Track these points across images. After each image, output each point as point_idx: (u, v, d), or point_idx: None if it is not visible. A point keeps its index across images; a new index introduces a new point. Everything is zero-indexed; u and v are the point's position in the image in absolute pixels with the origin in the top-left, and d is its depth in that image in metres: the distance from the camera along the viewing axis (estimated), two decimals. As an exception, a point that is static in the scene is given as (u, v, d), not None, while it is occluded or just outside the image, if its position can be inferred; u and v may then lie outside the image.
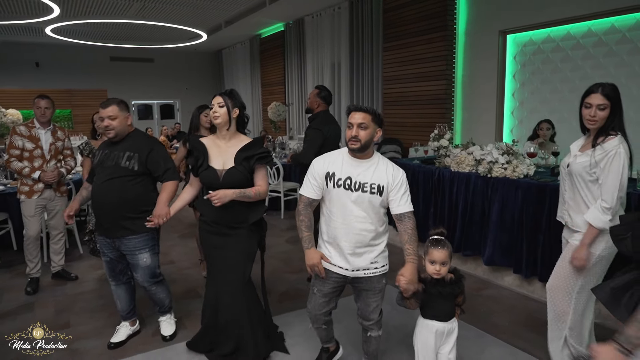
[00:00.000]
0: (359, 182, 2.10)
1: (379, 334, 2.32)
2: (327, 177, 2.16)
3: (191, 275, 4.03)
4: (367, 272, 2.17)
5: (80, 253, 4.68)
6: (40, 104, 3.62)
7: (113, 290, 2.90)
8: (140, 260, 2.71)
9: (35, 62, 11.61)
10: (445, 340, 2.09)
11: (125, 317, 2.94)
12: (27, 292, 3.68)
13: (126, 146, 2.68)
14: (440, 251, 2.01)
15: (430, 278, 2.05)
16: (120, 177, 2.61)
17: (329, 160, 2.20)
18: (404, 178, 2.14)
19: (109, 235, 2.69)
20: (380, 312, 2.28)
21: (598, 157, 2.19)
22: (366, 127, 2.07)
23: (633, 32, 4.43)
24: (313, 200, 2.23)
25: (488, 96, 5.79)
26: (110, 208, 2.61)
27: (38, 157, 3.63)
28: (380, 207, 2.14)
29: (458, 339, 2.34)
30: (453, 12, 6.02)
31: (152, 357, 2.72)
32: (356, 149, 2.08)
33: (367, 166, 2.13)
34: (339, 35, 7.95)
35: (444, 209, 4.08)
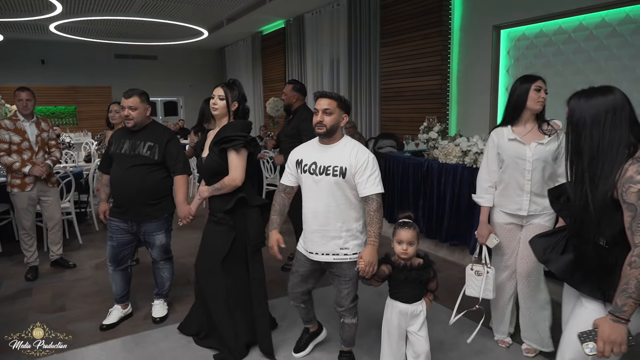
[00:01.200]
0: (323, 165, 2.17)
1: (352, 321, 2.36)
2: (297, 165, 2.27)
3: (185, 264, 4.14)
4: (337, 258, 2.22)
5: (80, 243, 4.80)
6: (21, 96, 3.67)
7: (110, 274, 3.00)
8: (157, 240, 2.94)
9: (41, 59, 11.79)
10: (411, 321, 2.16)
11: (119, 301, 3.06)
12: (27, 279, 3.81)
13: (146, 136, 2.82)
14: (406, 231, 2.08)
15: (399, 262, 2.13)
16: (141, 166, 2.78)
17: (301, 149, 2.32)
18: (370, 160, 2.15)
19: (128, 218, 2.83)
20: (354, 299, 2.31)
21: (562, 139, 2.34)
22: (331, 112, 2.14)
23: (623, 26, 4.47)
24: (287, 187, 2.35)
25: (482, 90, 5.84)
26: (132, 194, 2.77)
27: (26, 150, 3.70)
28: (348, 190, 2.17)
29: (439, 324, 2.43)
30: (448, 8, 6.07)
31: (141, 338, 2.83)
32: (322, 134, 2.16)
33: (332, 150, 2.20)
34: (337, 31, 8.03)
35: (432, 200, 4.16)
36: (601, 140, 1.42)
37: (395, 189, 4.67)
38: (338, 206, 2.18)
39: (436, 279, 2.20)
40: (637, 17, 4.35)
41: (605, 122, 1.42)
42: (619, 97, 1.45)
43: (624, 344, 1.37)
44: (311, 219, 2.23)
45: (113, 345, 2.77)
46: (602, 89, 1.48)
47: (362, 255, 2.11)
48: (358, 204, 2.23)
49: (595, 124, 1.44)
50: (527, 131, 2.39)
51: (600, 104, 1.44)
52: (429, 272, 2.14)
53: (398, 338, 2.19)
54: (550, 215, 2.43)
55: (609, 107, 1.43)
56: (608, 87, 1.48)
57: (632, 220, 1.37)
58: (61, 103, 11.88)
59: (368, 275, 2.12)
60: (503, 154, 2.45)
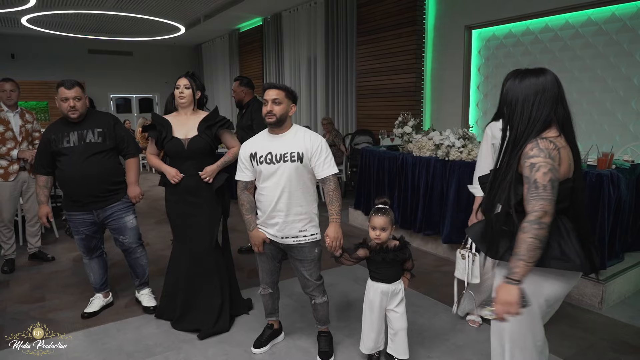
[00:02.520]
0: (279, 153, 2.26)
1: (323, 300, 2.46)
2: (252, 158, 2.32)
3: (163, 257, 4.16)
4: (296, 240, 2.32)
5: (56, 237, 4.77)
6: (5, 87, 3.68)
7: (86, 264, 3.03)
8: (128, 222, 2.93)
9: (11, 53, 11.49)
10: (392, 299, 2.29)
11: (99, 289, 3.08)
12: (4, 271, 3.78)
13: (91, 124, 2.80)
14: (379, 217, 2.21)
15: (375, 245, 2.26)
16: (98, 154, 2.77)
17: (251, 142, 2.37)
18: (323, 144, 2.29)
19: (92, 208, 2.81)
20: (319, 278, 2.43)
21: None
22: (280, 102, 2.24)
23: (585, 28, 4.72)
24: (247, 182, 2.38)
25: (455, 88, 6.05)
26: (93, 184, 2.75)
27: (10, 140, 3.69)
28: (306, 174, 2.29)
29: (413, 307, 2.55)
30: (422, 7, 6.26)
31: (123, 325, 2.88)
32: (272, 123, 2.26)
33: (285, 138, 2.29)
34: (315, 29, 8.14)
35: (407, 192, 4.31)
36: (529, 118, 1.55)
37: (372, 182, 4.81)
38: (297, 191, 2.28)
39: (411, 259, 2.33)
40: (598, 20, 4.61)
41: (533, 101, 1.55)
42: (549, 79, 1.57)
43: (514, 304, 1.46)
44: (271, 206, 2.29)
45: (96, 332, 2.80)
46: (535, 71, 1.60)
47: (327, 232, 2.26)
48: (312, 186, 2.36)
49: (525, 102, 1.56)
50: None
51: (531, 85, 1.56)
52: (405, 253, 2.27)
53: (378, 317, 2.31)
54: None
55: (539, 89, 1.55)
56: (541, 69, 1.60)
57: (527, 191, 1.50)
58: (32, 98, 11.60)
59: (336, 251, 2.25)
60: (497, 144, 2.58)
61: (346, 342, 2.65)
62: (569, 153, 1.56)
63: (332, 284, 3.44)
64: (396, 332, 2.31)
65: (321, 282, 2.45)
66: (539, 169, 1.48)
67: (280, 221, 2.29)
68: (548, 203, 1.46)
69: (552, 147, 1.50)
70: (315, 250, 2.37)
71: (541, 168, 1.47)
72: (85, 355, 2.55)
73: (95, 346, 2.64)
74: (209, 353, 2.55)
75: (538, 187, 1.47)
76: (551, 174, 1.47)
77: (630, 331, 2.77)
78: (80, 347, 2.63)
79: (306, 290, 2.46)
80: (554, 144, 1.51)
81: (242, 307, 3.00)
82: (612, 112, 4.63)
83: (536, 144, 1.51)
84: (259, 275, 2.53)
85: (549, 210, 1.46)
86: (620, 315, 2.96)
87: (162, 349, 2.59)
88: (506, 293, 1.48)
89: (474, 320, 2.88)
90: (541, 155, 1.49)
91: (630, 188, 3.31)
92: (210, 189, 2.68)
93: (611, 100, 4.61)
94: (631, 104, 4.47)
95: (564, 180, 1.54)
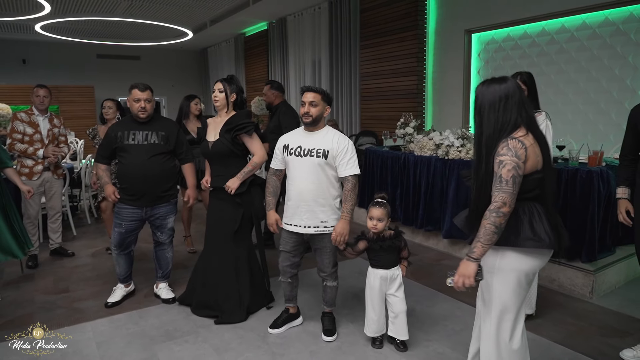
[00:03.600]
0: (308, 148, 2.51)
1: (334, 284, 2.71)
2: (284, 149, 2.60)
3: (178, 252, 4.38)
4: (318, 230, 2.56)
5: (74, 235, 5.00)
6: (39, 92, 3.98)
7: (115, 257, 3.20)
8: (169, 223, 3.21)
9: (22, 58, 11.78)
10: (390, 284, 2.51)
11: (123, 281, 3.29)
12: (28, 266, 4.00)
13: (157, 126, 3.06)
14: (377, 209, 2.46)
15: (373, 235, 2.48)
16: (160, 155, 3.03)
17: (287, 136, 2.66)
18: (350, 146, 2.52)
19: (143, 204, 3.04)
20: (334, 265, 2.68)
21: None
22: (316, 104, 2.49)
23: (580, 32, 4.91)
24: (277, 170, 2.68)
25: (455, 90, 6.24)
26: (153, 182, 3.01)
27: (37, 142, 3.94)
28: (329, 170, 2.51)
29: (414, 296, 2.73)
30: (424, 12, 6.46)
31: (145, 313, 3.09)
32: (308, 123, 2.52)
33: (316, 136, 2.54)
34: (319, 33, 8.35)
35: (409, 190, 4.51)
36: (496, 122, 1.76)
37: (375, 181, 5.02)
38: (321, 184, 2.51)
39: (407, 248, 2.55)
40: (593, 24, 4.80)
41: (498, 107, 1.75)
42: (511, 85, 1.77)
43: (471, 277, 1.70)
44: (297, 195, 2.54)
45: (119, 319, 3.02)
46: (499, 79, 1.81)
47: (335, 227, 2.49)
48: (336, 183, 2.58)
49: (494, 107, 1.76)
50: None
51: (496, 92, 1.76)
52: (400, 241, 2.49)
53: (379, 301, 2.53)
54: None
55: (502, 95, 1.75)
56: (503, 77, 1.82)
57: (493, 184, 1.73)
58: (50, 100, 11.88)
59: (340, 245, 2.47)
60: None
61: (350, 327, 2.86)
62: (537, 149, 1.78)
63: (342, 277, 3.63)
64: (396, 315, 2.51)
65: (335, 268, 2.69)
66: (505, 166, 1.71)
67: (304, 210, 2.53)
68: (508, 196, 1.69)
69: (520, 146, 1.72)
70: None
71: (506, 165, 1.70)
72: (111, 339, 2.76)
73: (119, 331, 2.85)
74: (225, 337, 2.76)
75: (502, 182, 1.70)
76: (514, 171, 1.70)
77: (617, 318, 2.95)
78: (106, 332, 2.84)
79: (321, 274, 2.70)
80: (521, 143, 1.73)
81: (263, 302, 3.12)
82: (607, 111, 4.81)
83: (506, 143, 1.73)
84: (279, 265, 2.73)
85: (508, 202, 1.69)
86: (610, 304, 3.15)
87: (182, 334, 2.80)
88: (465, 268, 1.73)
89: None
90: (508, 154, 1.71)
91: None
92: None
93: (605, 100, 4.79)
94: (625, 104, 4.65)
95: (534, 172, 1.77)
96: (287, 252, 2.68)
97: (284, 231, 2.68)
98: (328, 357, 2.55)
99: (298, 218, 2.57)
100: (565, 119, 5.10)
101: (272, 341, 2.72)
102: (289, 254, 2.68)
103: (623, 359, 2.47)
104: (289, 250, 2.67)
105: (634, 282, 3.51)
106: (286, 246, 2.67)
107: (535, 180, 1.78)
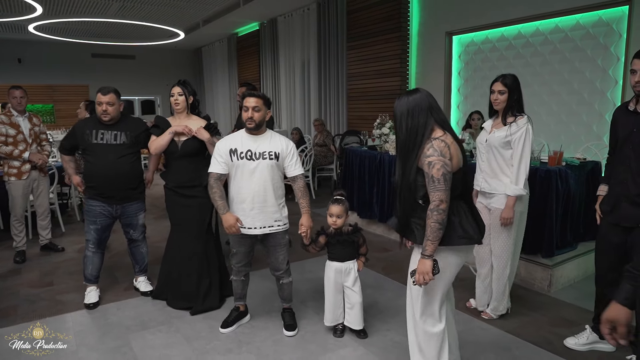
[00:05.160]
0: (258, 152, 2.61)
1: (289, 280, 2.86)
2: (231, 153, 2.61)
3: (160, 248, 4.50)
4: (272, 229, 2.68)
5: (63, 231, 5.15)
6: (15, 94, 4.04)
7: (89, 257, 3.25)
8: (140, 220, 3.34)
9: (18, 58, 11.93)
10: (346, 277, 2.68)
11: (94, 281, 3.33)
12: (16, 262, 4.16)
13: (125, 127, 3.18)
14: (336, 206, 2.63)
15: (332, 230, 2.64)
16: (128, 155, 3.15)
17: (230, 140, 2.67)
18: (294, 148, 2.71)
19: (114, 203, 3.17)
20: (288, 262, 2.82)
21: (513, 130, 2.74)
22: (259, 109, 2.58)
23: (553, 35, 5.06)
24: (221, 175, 2.65)
25: (437, 91, 6.39)
26: (122, 181, 3.13)
27: (21, 142, 4.06)
28: (277, 171, 2.65)
29: (381, 290, 2.88)
30: (407, 15, 6.61)
31: (123, 305, 3.26)
32: (252, 128, 2.59)
33: (262, 140, 2.64)
34: (308, 34, 8.51)
35: (384, 188, 4.67)
36: (407, 128, 1.94)
37: (354, 179, 5.17)
38: (273, 184, 2.64)
39: (365, 244, 2.71)
40: (565, 27, 4.95)
41: (410, 114, 1.93)
42: (419, 95, 1.96)
43: (429, 273, 1.89)
44: (250, 198, 2.61)
45: (98, 309, 3.19)
46: (411, 91, 1.99)
47: (302, 221, 2.62)
48: (282, 182, 2.72)
49: (403, 116, 1.95)
50: (496, 123, 2.90)
51: (404, 104, 1.96)
52: (358, 236, 2.65)
53: (335, 291, 2.69)
54: (504, 197, 2.80)
55: (410, 105, 1.94)
56: (415, 89, 2.01)
57: (427, 185, 1.88)
58: (38, 101, 12.03)
59: (306, 239, 2.62)
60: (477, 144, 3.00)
61: (315, 318, 3.03)
62: (457, 148, 1.94)
63: (310, 270, 3.82)
64: (352, 305, 2.68)
65: (289, 266, 2.83)
66: (434, 166, 1.87)
67: (258, 212, 2.63)
68: (443, 193, 1.86)
69: (443, 145, 1.88)
70: (286, 236, 2.77)
71: (435, 165, 1.87)
72: (89, 328, 2.93)
73: (97, 321, 3.02)
74: (196, 327, 2.93)
75: (434, 181, 1.86)
76: (443, 169, 1.86)
77: (570, 309, 3.12)
78: (85, 322, 3.01)
79: (276, 273, 2.83)
80: (444, 143, 1.89)
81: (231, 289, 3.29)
82: (578, 113, 4.96)
83: (431, 144, 1.89)
84: (232, 264, 2.85)
85: (444, 198, 1.86)
86: (566, 297, 3.31)
87: (156, 324, 2.97)
88: (422, 265, 1.90)
89: (488, 313, 3.03)
90: (435, 154, 1.87)
91: (580, 183, 3.65)
92: (201, 184, 3.04)
93: (577, 102, 4.95)
94: (594, 106, 4.81)
95: (457, 171, 1.92)
96: (244, 252, 2.77)
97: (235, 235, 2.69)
98: (291, 345, 2.72)
99: (252, 220, 2.64)
100: (540, 119, 5.26)
101: (239, 331, 2.88)
102: (245, 254, 2.78)
103: (567, 346, 2.63)
104: (245, 251, 2.77)
105: (592, 276, 3.65)
106: (241, 248, 2.75)
107: (458, 179, 1.95)
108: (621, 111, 2.45)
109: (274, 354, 2.62)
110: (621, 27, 4.51)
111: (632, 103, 2.38)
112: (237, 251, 2.79)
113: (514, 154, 2.76)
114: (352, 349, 2.66)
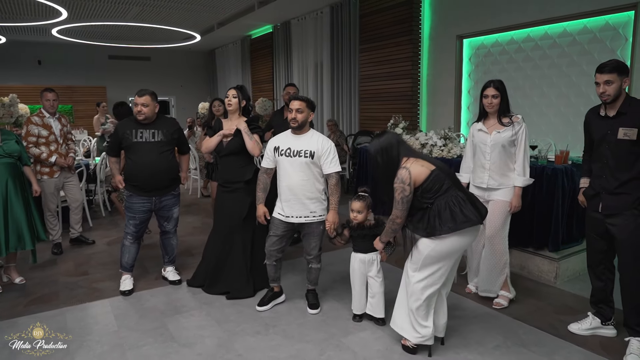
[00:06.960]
0: (296, 150, 2.90)
1: (317, 266, 3.12)
2: (275, 150, 2.99)
3: (186, 241, 4.80)
4: (308, 219, 2.97)
5: (90, 226, 5.42)
6: (48, 96, 4.31)
7: (127, 247, 3.52)
8: (175, 213, 3.62)
9: (38, 60, 12.30)
10: (369, 267, 2.89)
11: (129, 270, 3.58)
12: (54, 253, 4.43)
13: (161, 125, 3.46)
14: (356, 202, 2.86)
15: (355, 224, 2.87)
16: (167, 151, 3.45)
17: (277, 139, 3.04)
18: (332, 147, 2.93)
19: (153, 195, 3.43)
20: (319, 249, 3.08)
21: (517, 128, 3.05)
22: (302, 111, 2.89)
23: (562, 39, 5.24)
24: (268, 169, 3.05)
25: (448, 93, 6.59)
26: (162, 175, 3.42)
27: (53, 142, 4.31)
28: (315, 168, 2.92)
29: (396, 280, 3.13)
30: (418, 18, 6.81)
31: (156, 292, 3.51)
32: (295, 127, 2.92)
33: (303, 139, 2.93)
34: (321, 37, 8.72)
35: (398, 186, 4.88)
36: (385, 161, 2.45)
37: (368, 177, 5.38)
38: (309, 180, 2.92)
39: None
40: (573, 31, 5.13)
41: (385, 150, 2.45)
42: (386, 136, 2.49)
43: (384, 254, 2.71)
44: (288, 190, 2.93)
45: (133, 296, 3.44)
46: (380, 133, 2.55)
47: (327, 217, 2.91)
48: (321, 179, 2.99)
49: (378, 153, 2.47)
50: (491, 124, 3.14)
51: (375, 145, 2.48)
52: (380, 230, 2.85)
53: (360, 281, 2.92)
54: (507, 190, 3.10)
55: (384, 143, 2.46)
56: (383, 131, 2.58)
57: (394, 201, 2.41)
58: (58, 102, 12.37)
59: (331, 232, 2.87)
60: (474, 141, 3.23)
61: (336, 305, 3.26)
62: (420, 162, 2.41)
63: (331, 263, 4.03)
64: (374, 294, 2.90)
65: (320, 253, 3.09)
66: (396, 190, 2.40)
67: (295, 203, 2.93)
68: (399, 212, 2.43)
69: (405, 172, 2.37)
70: (321, 227, 3.02)
71: (397, 190, 2.39)
72: (127, 311, 3.18)
73: (134, 306, 3.27)
74: (226, 311, 3.17)
75: (396, 202, 2.42)
76: (402, 194, 2.38)
77: (574, 299, 3.31)
78: (123, 306, 3.26)
79: (307, 257, 3.10)
80: (406, 169, 2.38)
81: (266, 282, 3.40)
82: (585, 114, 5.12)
83: (398, 173, 2.40)
84: (266, 249, 3.10)
85: (400, 215, 2.44)
86: (571, 288, 3.51)
87: (188, 309, 3.21)
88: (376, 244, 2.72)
89: (499, 303, 3.20)
90: (397, 182, 2.38)
91: (586, 181, 3.83)
92: (242, 180, 3.35)
93: (584, 104, 5.11)
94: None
95: (426, 177, 2.35)
96: (277, 236, 3.03)
97: (275, 219, 3.05)
98: (313, 327, 2.94)
99: (290, 209, 2.95)
100: (548, 120, 5.44)
101: (265, 315, 3.12)
102: (278, 239, 3.04)
103: (570, 331, 2.83)
104: (279, 234, 3.03)
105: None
106: (277, 231, 3.03)
107: (437, 177, 2.35)
108: (593, 114, 2.74)
109: (298, 335, 2.85)
110: (627, 31, 4.67)
111: (602, 109, 2.66)
112: (272, 234, 3.05)
113: (517, 149, 3.08)
114: (371, 332, 2.88)
